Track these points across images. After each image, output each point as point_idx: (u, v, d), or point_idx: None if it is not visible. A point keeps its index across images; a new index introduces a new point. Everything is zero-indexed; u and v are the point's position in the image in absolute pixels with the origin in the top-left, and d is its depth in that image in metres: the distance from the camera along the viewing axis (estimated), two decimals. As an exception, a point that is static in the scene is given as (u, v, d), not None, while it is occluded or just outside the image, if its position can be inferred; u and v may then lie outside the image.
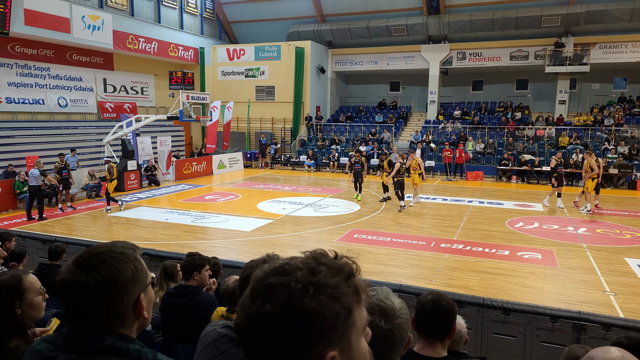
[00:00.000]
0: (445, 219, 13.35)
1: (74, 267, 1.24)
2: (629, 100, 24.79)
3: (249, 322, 0.85)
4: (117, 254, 1.26)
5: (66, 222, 12.88)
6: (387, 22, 26.63)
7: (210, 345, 1.89)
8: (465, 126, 25.41)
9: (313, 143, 27.11)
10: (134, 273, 1.26)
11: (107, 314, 1.23)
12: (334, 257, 0.91)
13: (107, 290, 1.21)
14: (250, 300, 0.85)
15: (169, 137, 21.81)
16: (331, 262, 0.89)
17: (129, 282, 1.25)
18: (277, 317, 0.81)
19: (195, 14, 28.72)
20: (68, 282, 1.22)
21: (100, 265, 1.22)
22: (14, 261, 5.14)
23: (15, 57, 19.15)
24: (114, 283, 1.22)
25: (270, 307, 0.82)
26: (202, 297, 4.01)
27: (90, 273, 1.21)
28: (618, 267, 9.03)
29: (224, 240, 11.02)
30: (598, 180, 14.27)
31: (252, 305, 0.84)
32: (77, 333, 1.24)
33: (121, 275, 1.24)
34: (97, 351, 1.20)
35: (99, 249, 1.27)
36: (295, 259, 0.90)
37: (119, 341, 1.22)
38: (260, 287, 0.86)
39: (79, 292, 1.21)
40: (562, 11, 23.38)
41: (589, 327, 5.28)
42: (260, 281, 0.87)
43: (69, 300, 1.23)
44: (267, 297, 0.83)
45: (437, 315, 2.23)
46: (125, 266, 1.25)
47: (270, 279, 0.86)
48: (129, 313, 1.26)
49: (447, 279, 8.29)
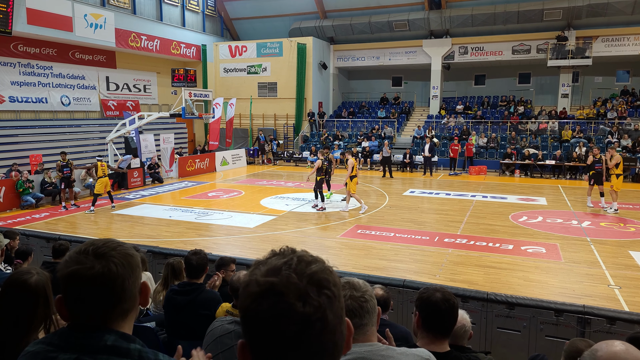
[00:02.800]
0: (448, 213, 13.34)
1: (84, 257, 1.25)
2: (631, 93, 24.66)
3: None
4: (119, 244, 1.32)
5: (70, 220, 12.92)
6: (388, 18, 26.55)
7: (217, 341, 1.90)
8: (468, 120, 25.35)
9: (316, 139, 27.09)
10: (137, 260, 1.33)
11: (121, 299, 1.27)
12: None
13: (126, 274, 1.26)
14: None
15: (172, 135, 21.84)
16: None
17: (137, 267, 1.32)
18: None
19: (197, 12, 28.70)
20: (82, 271, 1.23)
21: (114, 252, 1.27)
22: (19, 259, 5.16)
23: (18, 56, 19.18)
24: (130, 267, 1.28)
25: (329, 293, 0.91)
26: (207, 294, 4.01)
27: (109, 260, 1.25)
28: (622, 260, 9.01)
29: (227, 237, 11.04)
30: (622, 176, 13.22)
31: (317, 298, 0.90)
32: (78, 329, 1.24)
33: (133, 259, 1.30)
34: (98, 350, 1.20)
35: (100, 241, 1.31)
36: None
37: (119, 340, 1.23)
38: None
39: (95, 280, 1.23)
40: (564, 4, 23.25)
41: (593, 321, 5.27)
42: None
43: (81, 291, 1.23)
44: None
45: (450, 314, 2.23)
46: (132, 252, 1.32)
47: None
48: (137, 298, 1.33)
49: (451, 273, 8.29)
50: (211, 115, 21.64)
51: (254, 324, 0.89)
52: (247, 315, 0.90)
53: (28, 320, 1.90)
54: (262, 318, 0.87)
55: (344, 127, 27.95)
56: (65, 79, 21.29)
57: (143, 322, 4.48)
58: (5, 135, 17.90)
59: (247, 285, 0.92)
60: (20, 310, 1.91)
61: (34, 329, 1.90)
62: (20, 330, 1.87)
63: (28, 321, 1.89)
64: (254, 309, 0.88)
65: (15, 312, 1.90)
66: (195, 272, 4.11)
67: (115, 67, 23.77)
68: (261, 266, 0.94)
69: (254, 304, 0.88)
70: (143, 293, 1.35)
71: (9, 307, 1.92)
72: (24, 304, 1.92)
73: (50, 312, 1.98)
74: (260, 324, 0.87)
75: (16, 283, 1.98)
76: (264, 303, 0.87)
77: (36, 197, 14.62)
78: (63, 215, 13.56)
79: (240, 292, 0.93)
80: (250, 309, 0.89)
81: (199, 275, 4.12)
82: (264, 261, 0.95)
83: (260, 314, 0.87)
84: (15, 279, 2.02)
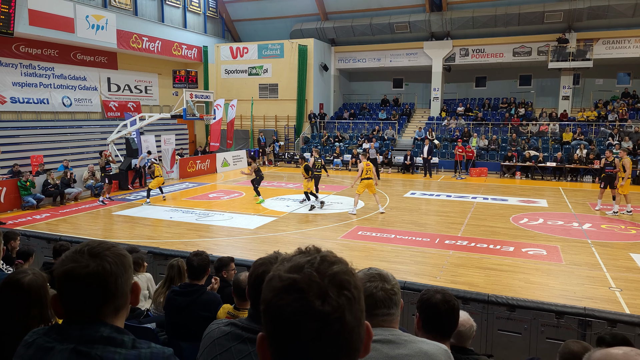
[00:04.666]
0: (449, 215, 13.33)
1: (80, 256, 1.32)
2: (632, 95, 24.66)
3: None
4: (113, 245, 1.40)
5: (70, 221, 12.93)
6: (389, 19, 26.57)
7: (215, 343, 1.90)
8: (469, 122, 25.36)
9: (317, 140, 27.11)
10: (129, 260, 1.41)
11: (114, 295, 1.34)
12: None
13: (119, 272, 1.33)
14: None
15: (173, 136, 21.86)
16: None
17: (129, 267, 1.39)
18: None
19: (198, 13, 28.74)
20: (78, 269, 1.30)
21: (107, 252, 1.35)
22: (20, 259, 5.17)
23: (20, 57, 19.21)
24: (122, 266, 1.35)
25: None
26: (208, 296, 4.00)
27: (103, 259, 1.32)
28: (623, 262, 9.00)
29: (228, 238, 11.04)
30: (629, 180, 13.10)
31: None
32: (74, 322, 1.31)
33: (126, 259, 1.38)
34: (95, 341, 1.28)
35: (95, 242, 1.39)
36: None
37: (114, 333, 1.31)
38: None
39: (90, 277, 1.30)
40: (565, 7, 23.27)
41: (594, 324, 5.27)
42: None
43: (76, 288, 1.31)
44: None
45: (451, 316, 2.23)
46: (125, 253, 1.39)
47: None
48: (129, 296, 1.40)
49: (451, 275, 8.29)
50: (212, 117, 21.68)
51: (273, 317, 0.91)
52: (267, 309, 0.93)
53: (22, 320, 1.89)
54: (282, 312, 0.90)
55: (344, 128, 27.96)
56: (67, 79, 21.32)
57: (143, 323, 4.47)
58: (6, 136, 17.91)
59: (270, 280, 0.95)
60: (13, 310, 1.92)
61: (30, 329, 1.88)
62: (16, 331, 1.85)
63: (22, 321, 1.89)
64: (275, 303, 0.91)
65: (9, 312, 1.91)
66: (196, 274, 4.10)
67: (117, 68, 23.80)
68: (286, 262, 0.96)
69: (275, 299, 0.91)
70: (134, 292, 1.43)
71: (3, 307, 1.93)
72: (17, 303, 1.93)
73: (46, 312, 1.97)
74: (280, 319, 0.90)
75: (10, 283, 1.99)
76: (284, 298, 0.90)
77: (37, 198, 14.63)
78: (64, 216, 13.56)
79: (264, 286, 0.96)
80: (271, 303, 0.92)
81: (201, 276, 4.11)
82: (289, 258, 0.98)
83: (280, 308, 0.90)
84: (9, 278, 2.02)
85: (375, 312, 1.69)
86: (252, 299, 1.95)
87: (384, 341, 1.60)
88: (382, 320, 1.70)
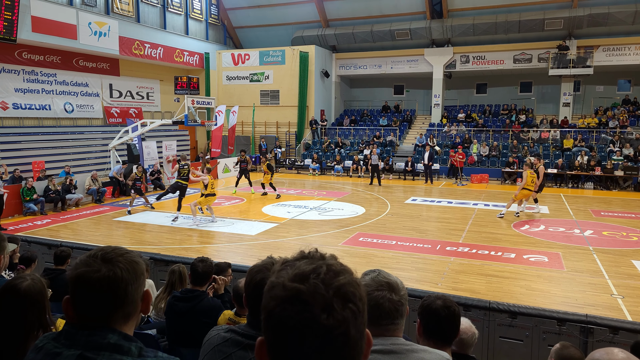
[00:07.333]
0: (450, 222, 13.32)
1: (93, 261, 1.33)
2: (633, 102, 24.69)
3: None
4: (127, 251, 1.39)
5: (71, 227, 12.93)
6: (390, 27, 26.66)
7: (215, 349, 1.90)
8: (470, 129, 25.38)
9: (318, 147, 27.14)
10: (142, 268, 1.40)
11: (124, 302, 1.33)
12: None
13: (129, 279, 1.33)
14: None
15: (174, 142, 21.88)
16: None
17: (141, 274, 1.38)
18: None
19: (200, 20, 28.87)
20: (89, 273, 1.30)
21: (120, 258, 1.34)
22: (22, 265, 5.16)
23: (23, 63, 19.29)
24: (134, 273, 1.35)
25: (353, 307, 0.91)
26: (208, 302, 4.00)
27: (115, 265, 1.32)
28: (625, 269, 8.98)
29: (229, 244, 11.04)
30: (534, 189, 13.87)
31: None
32: (83, 327, 1.30)
33: (139, 266, 1.37)
34: (102, 347, 1.27)
35: (109, 247, 1.38)
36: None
37: (122, 340, 1.30)
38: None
39: (100, 282, 1.29)
40: (565, 14, 23.34)
41: (596, 331, 5.25)
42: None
43: (87, 292, 1.30)
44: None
45: (451, 322, 2.23)
46: (139, 260, 1.38)
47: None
48: (139, 304, 1.39)
49: (452, 282, 8.27)
50: (213, 123, 21.70)
51: (275, 327, 0.89)
52: (269, 318, 0.90)
53: (19, 326, 1.89)
54: (285, 323, 0.87)
55: (345, 134, 28.00)
56: (69, 86, 21.39)
57: (144, 329, 4.47)
58: (8, 142, 17.95)
59: (273, 288, 0.91)
60: (11, 316, 1.91)
61: (29, 335, 1.88)
62: (15, 337, 1.86)
63: (19, 327, 1.89)
64: (278, 313, 0.88)
65: (6, 318, 1.90)
66: (199, 280, 4.10)
67: (119, 75, 23.89)
68: (289, 269, 0.93)
69: (278, 308, 0.88)
70: (145, 300, 1.41)
71: (2, 312, 1.92)
72: (14, 309, 1.93)
73: (45, 318, 1.97)
74: (282, 330, 0.87)
75: (7, 288, 1.99)
76: (288, 309, 0.87)
77: (39, 202, 14.63)
78: (65, 222, 13.57)
79: (265, 294, 0.92)
80: (274, 313, 0.89)
81: (203, 282, 4.11)
82: (291, 263, 0.95)
83: (283, 319, 0.87)
84: (7, 284, 2.02)
85: (380, 322, 1.65)
86: (250, 307, 1.94)
87: (385, 351, 1.57)
88: (385, 330, 1.66)
